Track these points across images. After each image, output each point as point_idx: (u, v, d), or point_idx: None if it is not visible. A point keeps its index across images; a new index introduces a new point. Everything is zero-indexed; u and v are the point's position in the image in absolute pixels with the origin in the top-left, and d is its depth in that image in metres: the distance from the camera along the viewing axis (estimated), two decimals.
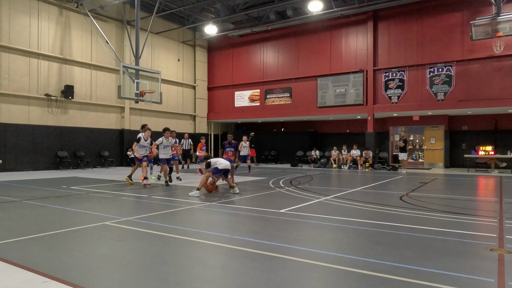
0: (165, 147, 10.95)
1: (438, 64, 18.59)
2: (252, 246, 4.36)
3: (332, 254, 4.11)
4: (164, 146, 10.93)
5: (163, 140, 10.85)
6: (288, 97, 23.15)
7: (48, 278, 3.23)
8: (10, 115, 16.19)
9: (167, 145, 11.00)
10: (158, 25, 22.53)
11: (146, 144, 10.10)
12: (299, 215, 6.39)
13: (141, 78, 16.61)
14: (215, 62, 26.27)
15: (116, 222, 5.68)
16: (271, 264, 3.71)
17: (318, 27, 21.92)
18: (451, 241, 4.65)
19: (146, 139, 10.22)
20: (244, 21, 23.42)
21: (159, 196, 8.73)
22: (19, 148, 16.42)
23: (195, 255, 4.04)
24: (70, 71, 18.44)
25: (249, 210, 6.78)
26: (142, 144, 9.80)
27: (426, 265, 3.65)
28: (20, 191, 9.37)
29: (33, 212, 6.54)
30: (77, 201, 7.77)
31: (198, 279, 3.32)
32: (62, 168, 17.62)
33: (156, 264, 3.68)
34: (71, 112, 18.53)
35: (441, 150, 20.87)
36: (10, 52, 16.22)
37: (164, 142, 10.88)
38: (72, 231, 5.06)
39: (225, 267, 3.68)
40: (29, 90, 16.85)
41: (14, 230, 5.14)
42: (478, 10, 17.51)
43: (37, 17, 17.14)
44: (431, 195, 9.15)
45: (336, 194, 9.19)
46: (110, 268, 3.62)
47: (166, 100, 22.45)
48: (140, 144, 9.74)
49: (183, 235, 4.90)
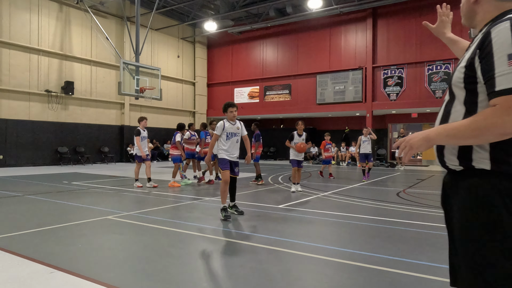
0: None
1: (436, 61, 18.69)
2: (251, 240, 4.49)
3: (329, 247, 4.23)
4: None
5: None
6: (287, 93, 23.24)
7: (54, 269, 3.35)
8: (10, 111, 16.27)
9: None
10: (158, 21, 22.56)
11: (145, 134, 9.85)
12: (297, 210, 6.51)
13: (141, 75, 16.69)
14: (214, 59, 26.33)
15: (118, 216, 5.80)
16: (269, 257, 3.84)
17: (318, 24, 21.98)
18: (445, 236, 4.75)
19: (144, 129, 9.78)
20: (243, 18, 23.46)
21: (160, 191, 8.85)
22: (19, 144, 16.52)
23: (196, 248, 4.16)
24: (70, 67, 18.50)
25: (248, 206, 6.90)
26: (143, 135, 9.66)
27: (420, 258, 3.78)
28: (21, 186, 9.48)
29: (36, 206, 6.65)
30: (78, 196, 7.88)
31: (199, 270, 3.44)
32: (62, 163, 17.72)
33: (159, 256, 3.81)
34: (71, 108, 18.61)
35: None
36: (11, 48, 16.27)
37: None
38: (75, 225, 5.18)
39: (224, 260, 3.81)
40: (30, 86, 16.92)
41: (19, 224, 5.25)
42: None
43: (37, 13, 17.18)
44: (428, 192, 9.28)
45: (334, 190, 9.32)
46: (114, 260, 3.74)
47: (165, 96, 22.52)
48: (142, 136, 9.60)
49: (184, 229, 5.03)
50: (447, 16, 2.10)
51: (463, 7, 1.65)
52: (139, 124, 9.76)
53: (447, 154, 1.52)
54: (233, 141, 5.96)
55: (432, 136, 1.46)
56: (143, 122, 9.78)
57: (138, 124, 9.85)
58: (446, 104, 1.57)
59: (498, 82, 1.31)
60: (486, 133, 1.33)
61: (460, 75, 1.48)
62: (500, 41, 1.32)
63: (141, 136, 9.65)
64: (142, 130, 9.65)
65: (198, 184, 10.54)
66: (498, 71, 1.31)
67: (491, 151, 1.39)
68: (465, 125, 1.37)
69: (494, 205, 1.36)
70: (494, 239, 1.37)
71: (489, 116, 1.32)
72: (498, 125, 1.30)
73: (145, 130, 9.88)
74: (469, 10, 1.61)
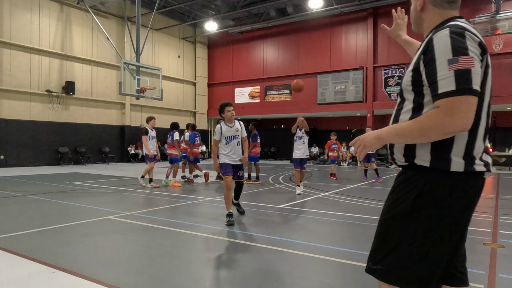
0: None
1: None
2: (252, 240, 4.48)
3: (330, 247, 4.23)
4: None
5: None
6: (288, 93, 23.23)
7: (55, 269, 3.35)
8: (11, 111, 16.29)
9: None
10: (159, 21, 22.57)
11: (154, 134, 9.78)
12: (298, 210, 6.51)
13: (141, 75, 16.70)
14: (215, 59, 26.33)
15: (119, 216, 5.80)
16: (270, 257, 3.83)
17: (318, 24, 21.97)
18: None
19: (152, 129, 9.71)
20: (244, 18, 23.46)
21: (161, 191, 8.85)
22: (20, 144, 16.53)
23: (197, 248, 4.16)
24: (71, 67, 18.52)
25: (249, 206, 6.90)
26: (151, 134, 9.57)
27: None
28: (22, 186, 9.49)
29: (37, 206, 6.66)
30: (79, 196, 7.89)
31: (200, 271, 3.44)
32: (63, 163, 17.74)
33: (160, 256, 3.81)
34: (72, 108, 18.62)
35: None
36: (12, 48, 16.29)
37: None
38: (76, 224, 5.18)
39: (226, 260, 3.81)
40: (31, 86, 16.94)
41: (20, 223, 5.26)
42: (477, 8, 17.57)
43: (38, 14, 17.19)
44: None
45: (335, 190, 9.32)
46: (115, 260, 3.74)
47: (166, 96, 22.53)
48: (150, 136, 9.51)
49: (185, 229, 5.02)
50: (402, 19, 2.24)
51: (412, 15, 1.77)
52: (147, 123, 9.64)
53: (396, 152, 1.64)
54: (234, 144, 5.62)
55: (383, 135, 1.58)
56: (152, 122, 9.67)
57: (146, 124, 9.74)
58: (398, 105, 1.68)
59: (440, 85, 1.41)
60: (430, 132, 1.43)
61: (408, 78, 1.59)
62: (441, 47, 1.43)
63: (149, 135, 9.51)
64: (151, 129, 9.55)
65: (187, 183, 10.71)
66: (440, 75, 1.41)
67: (432, 150, 1.50)
68: (412, 125, 1.48)
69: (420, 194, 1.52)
70: (409, 220, 1.54)
71: (433, 116, 1.42)
72: (440, 125, 1.40)
73: (154, 129, 9.76)
74: (416, 17, 1.74)
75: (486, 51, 1.46)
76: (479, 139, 1.51)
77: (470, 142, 1.49)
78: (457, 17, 1.59)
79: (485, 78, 1.47)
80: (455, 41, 1.42)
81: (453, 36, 1.43)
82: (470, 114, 1.39)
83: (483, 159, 1.53)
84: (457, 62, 1.39)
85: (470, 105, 1.38)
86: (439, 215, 1.50)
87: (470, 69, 1.38)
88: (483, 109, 1.50)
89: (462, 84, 1.38)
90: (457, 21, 1.54)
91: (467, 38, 1.42)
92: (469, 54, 1.40)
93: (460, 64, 1.39)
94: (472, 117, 1.40)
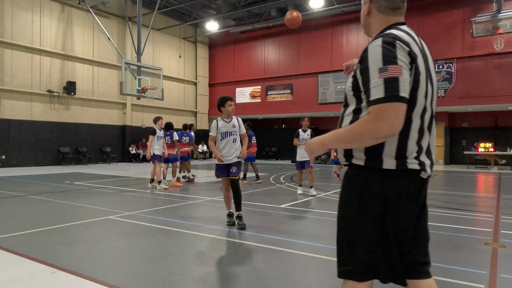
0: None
1: (438, 61, 18.63)
2: (253, 240, 4.48)
3: (331, 247, 4.22)
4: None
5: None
6: (289, 93, 23.23)
7: (56, 269, 3.35)
8: (13, 111, 16.32)
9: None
10: (160, 21, 22.58)
11: (162, 134, 9.69)
12: (299, 210, 6.51)
13: (142, 75, 16.71)
14: (216, 59, 26.34)
15: (120, 216, 5.80)
16: (271, 256, 3.83)
17: (319, 23, 21.95)
18: (447, 236, 4.76)
19: (160, 129, 9.61)
20: (245, 18, 23.46)
21: (162, 191, 8.85)
22: (22, 144, 16.56)
23: (198, 248, 4.16)
24: (72, 68, 18.54)
25: (250, 205, 6.90)
26: (159, 134, 9.48)
27: None
28: (24, 186, 9.51)
29: (39, 206, 6.67)
30: (81, 196, 7.90)
31: (201, 270, 3.44)
32: (64, 163, 17.77)
33: (161, 256, 3.81)
34: (73, 108, 18.65)
35: (441, 147, 20.97)
36: (13, 49, 16.31)
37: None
38: (78, 224, 5.19)
39: (227, 260, 3.81)
40: (32, 86, 16.96)
41: (21, 224, 5.26)
42: (479, 7, 17.54)
43: (39, 14, 17.22)
44: (430, 191, 9.25)
45: (335, 190, 9.31)
46: (116, 259, 3.74)
47: (167, 96, 22.54)
48: (158, 136, 9.42)
49: (185, 228, 5.03)
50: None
51: (361, 19, 1.83)
52: (155, 124, 9.53)
53: (338, 152, 1.76)
54: (229, 141, 5.29)
55: (326, 141, 1.68)
56: (159, 122, 9.54)
57: (154, 124, 9.62)
58: (342, 110, 1.77)
59: (372, 93, 1.49)
60: (363, 137, 1.51)
61: (350, 84, 1.68)
62: (373, 56, 1.51)
63: (157, 135, 9.38)
64: (158, 129, 9.46)
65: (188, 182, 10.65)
66: (372, 82, 1.49)
67: (365, 151, 1.59)
68: (348, 131, 1.56)
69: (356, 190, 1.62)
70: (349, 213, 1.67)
71: (364, 122, 1.49)
72: (370, 130, 1.47)
73: (162, 129, 9.64)
74: (364, 22, 1.81)
75: (415, 59, 1.53)
76: (412, 141, 1.57)
77: (401, 144, 1.56)
78: (399, 24, 1.68)
79: (417, 84, 1.54)
80: (386, 51, 1.49)
81: (384, 46, 1.50)
82: (397, 120, 1.45)
83: (420, 159, 1.59)
84: (386, 71, 1.46)
85: (397, 111, 1.45)
86: (379, 210, 1.58)
87: (398, 77, 1.45)
88: (415, 113, 1.56)
89: (389, 91, 1.44)
90: (395, 28, 1.62)
91: (397, 48, 1.50)
92: (398, 63, 1.47)
93: (389, 72, 1.46)
94: (400, 122, 1.46)
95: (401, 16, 1.72)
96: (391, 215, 1.58)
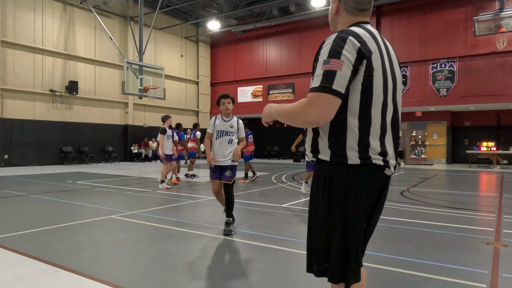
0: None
1: (441, 60, 18.59)
2: (254, 239, 4.49)
3: None
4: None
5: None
6: (290, 92, 23.21)
7: (58, 268, 3.37)
8: (15, 111, 16.37)
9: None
10: (161, 21, 22.60)
11: (171, 133, 9.58)
12: (300, 209, 6.51)
13: (144, 74, 16.73)
14: (218, 58, 26.34)
15: (122, 215, 5.82)
16: (272, 256, 3.84)
17: (321, 22, 21.90)
18: (449, 235, 4.75)
19: (169, 127, 9.50)
20: (247, 17, 23.45)
21: (164, 191, 8.87)
22: (24, 143, 16.62)
23: (199, 247, 4.17)
24: (74, 67, 18.58)
25: (251, 205, 6.91)
26: (169, 134, 9.38)
27: (423, 257, 3.76)
28: (26, 186, 9.54)
29: (41, 206, 6.69)
30: (83, 196, 7.92)
31: (203, 270, 3.45)
32: (66, 163, 17.82)
33: (162, 255, 3.82)
34: (76, 107, 18.69)
35: (444, 146, 20.92)
36: (15, 48, 16.36)
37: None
38: (80, 224, 5.21)
39: (228, 259, 3.82)
40: (34, 86, 17.01)
41: (23, 223, 5.29)
42: (481, 6, 17.47)
43: (41, 13, 17.26)
44: (432, 191, 9.24)
45: None
46: (117, 259, 3.76)
47: (169, 95, 22.55)
48: (167, 135, 9.31)
49: (187, 228, 5.04)
50: None
51: (329, 17, 1.89)
52: (164, 123, 9.37)
53: (306, 148, 1.80)
54: (223, 141, 4.91)
55: (272, 111, 1.77)
56: (168, 121, 9.40)
57: (163, 123, 9.47)
58: None
59: (313, 81, 1.58)
60: (295, 118, 1.61)
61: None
62: (325, 49, 1.58)
63: (167, 134, 9.25)
64: (168, 129, 9.34)
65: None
66: (317, 72, 1.57)
67: (330, 147, 1.64)
68: (287, 109, 1.66)
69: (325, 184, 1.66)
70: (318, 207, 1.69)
71: (300, 105, 1.58)
72: (301, 113, 1.57)
73: (170, 128, 9.50)
74: (331, 19, 1.87)
75: (367, 55, 1.56)
76: (374, 138, 1.62)
77: (362, 140, 1.60)
78: (362, 22, 1.73)
79: (370, 79, 1.58)
80: (334, 45, 1.55)
81: (336, 40, 1.57)
82: (324, 110, 1.51)
83: (384, 157, 1.64)
84: (328, 63, 1.53)
85: (326, 102, 1.51)
86: (345, 204, 1.62)
87: (336, 71, 1.51)
88: (374, 109, 1.61)
89: (325, 82, 1.51)
90: (357, 25, 1.68)
91: (346, 43, 1.54)
92: (340, 58, 1.52)
93: (330, 65, 1.53)
94: (327, 112, 1.52)
95: (367, 17, 1.77)
96: (356, 207, 1.62)
